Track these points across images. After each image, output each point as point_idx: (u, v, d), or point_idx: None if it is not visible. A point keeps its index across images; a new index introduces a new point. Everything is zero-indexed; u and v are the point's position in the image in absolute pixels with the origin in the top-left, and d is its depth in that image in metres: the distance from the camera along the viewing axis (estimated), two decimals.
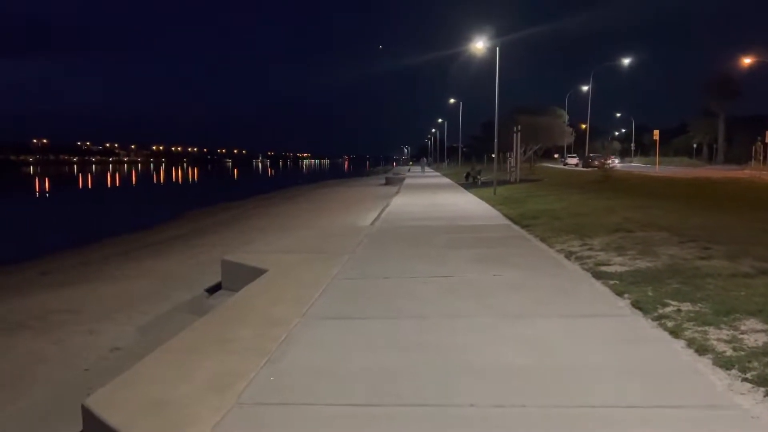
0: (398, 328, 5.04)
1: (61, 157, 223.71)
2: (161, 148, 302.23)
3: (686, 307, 5.28)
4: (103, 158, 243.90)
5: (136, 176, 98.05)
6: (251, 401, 3.56)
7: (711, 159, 70.95)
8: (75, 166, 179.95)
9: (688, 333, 4.56)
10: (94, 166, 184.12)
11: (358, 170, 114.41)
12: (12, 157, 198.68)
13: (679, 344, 4.39)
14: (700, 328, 4.66)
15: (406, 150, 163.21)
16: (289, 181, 68.43)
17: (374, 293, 6.32)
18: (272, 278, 7.20)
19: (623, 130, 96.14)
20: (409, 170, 66.26)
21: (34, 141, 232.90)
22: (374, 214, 16.25)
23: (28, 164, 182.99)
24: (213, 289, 8.77)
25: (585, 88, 58.45)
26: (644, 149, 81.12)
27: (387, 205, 18.35)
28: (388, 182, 41.04)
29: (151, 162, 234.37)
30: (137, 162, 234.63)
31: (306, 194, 37.19)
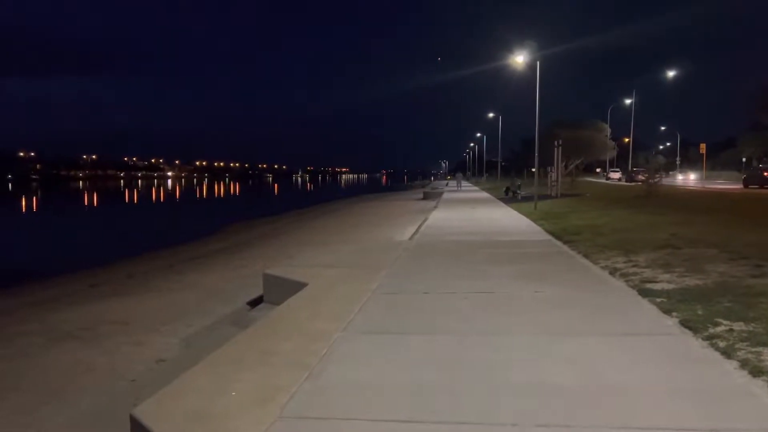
0: (438, 344, 5.01)
1: (108, 172, 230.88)
2: (204, 163, 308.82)
3: (739, 326, 5.09)
4: (149, 173, 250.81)
5: (180, 191, 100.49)
6: (293, 415, 3.59)
7: None
8: (122, 181, 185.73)
9: (741, 353, 4.39)
10: (139, 181, 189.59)
11: (396, 185, 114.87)
12: (63, 173, 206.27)
13: (731, 365, 4.23)
14: (754, 349, 4.48)
15: (444, 164, 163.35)
16: (328, 195, 69.11)
17: (414, 308, 6.30)
18: (313, 292, 7.26)
19: (668, 144, 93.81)
20: (446, 184, 66.16)
21: (84, 157, 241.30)
22: (412, 229, 16.22)
23: (78, 179, 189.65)
24: (255, 303, 8.89)
25: (628, 101, 57.42)
26: (690, 164, 78.97)
27: (425, 220, 18.32)
28: (426, 197, 40.95)
29: (195, 177, 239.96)
30: (181, 177, 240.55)
31: (345, 208, 37.47)
